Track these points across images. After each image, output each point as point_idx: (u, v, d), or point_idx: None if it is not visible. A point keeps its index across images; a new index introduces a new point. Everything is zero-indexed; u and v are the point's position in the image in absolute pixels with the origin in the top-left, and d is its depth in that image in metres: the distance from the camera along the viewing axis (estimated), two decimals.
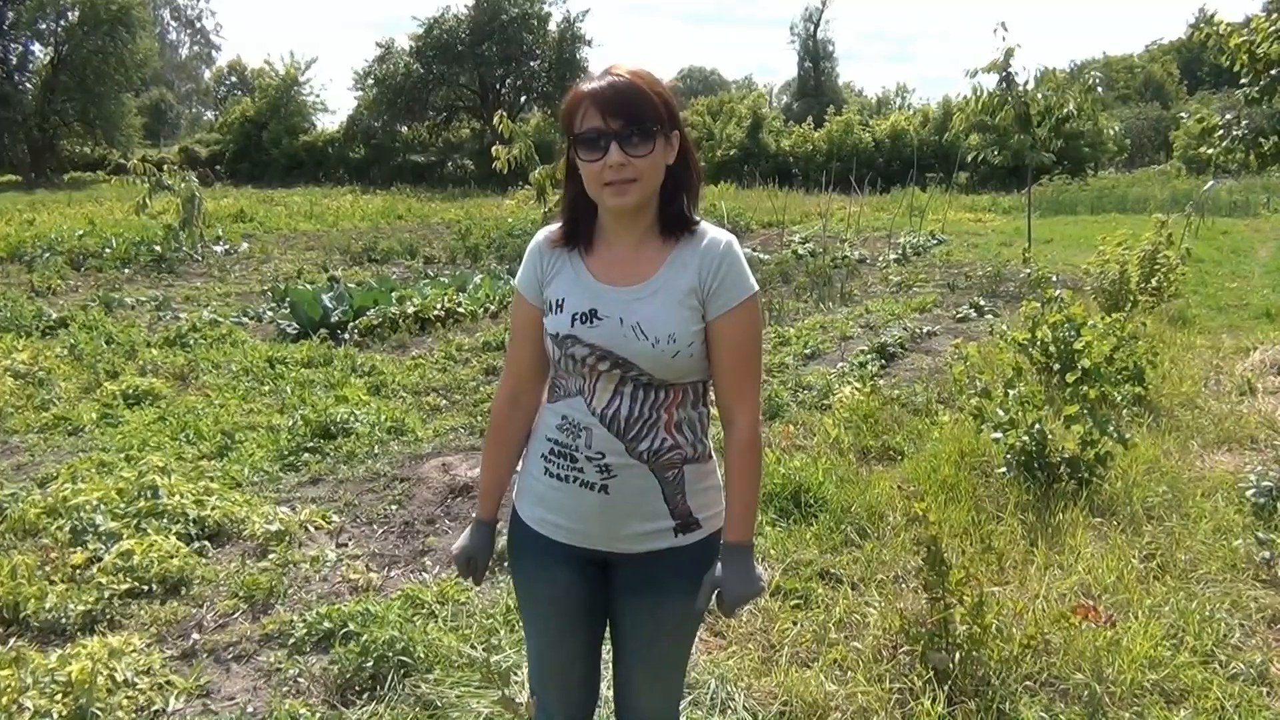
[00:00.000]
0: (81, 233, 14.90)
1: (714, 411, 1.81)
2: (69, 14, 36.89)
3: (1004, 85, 11.61)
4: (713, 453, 1.81)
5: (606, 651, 1.98)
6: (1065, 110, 11.49)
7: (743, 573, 1.72)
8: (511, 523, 1.90)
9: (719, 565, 1.73)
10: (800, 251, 14.56)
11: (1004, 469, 4.41)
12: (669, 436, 1.71)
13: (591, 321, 1.67)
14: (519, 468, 1.90)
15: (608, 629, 1.94)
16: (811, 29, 58.13)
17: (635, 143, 1.59)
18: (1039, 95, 11.63)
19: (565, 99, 1.67)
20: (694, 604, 1.77)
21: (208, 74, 67.54)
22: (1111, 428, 4.29)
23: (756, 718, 2.76)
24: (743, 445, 1.73)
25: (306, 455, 5.09)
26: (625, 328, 1.65)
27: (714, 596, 1.74)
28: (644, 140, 1.60)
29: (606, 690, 2.21)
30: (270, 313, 9.58)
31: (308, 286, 10.25)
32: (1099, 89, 11.99)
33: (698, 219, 1.74)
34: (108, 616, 3.29)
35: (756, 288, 1.72)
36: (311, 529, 4.15)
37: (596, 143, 1.59)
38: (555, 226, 1.80)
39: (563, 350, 1.70)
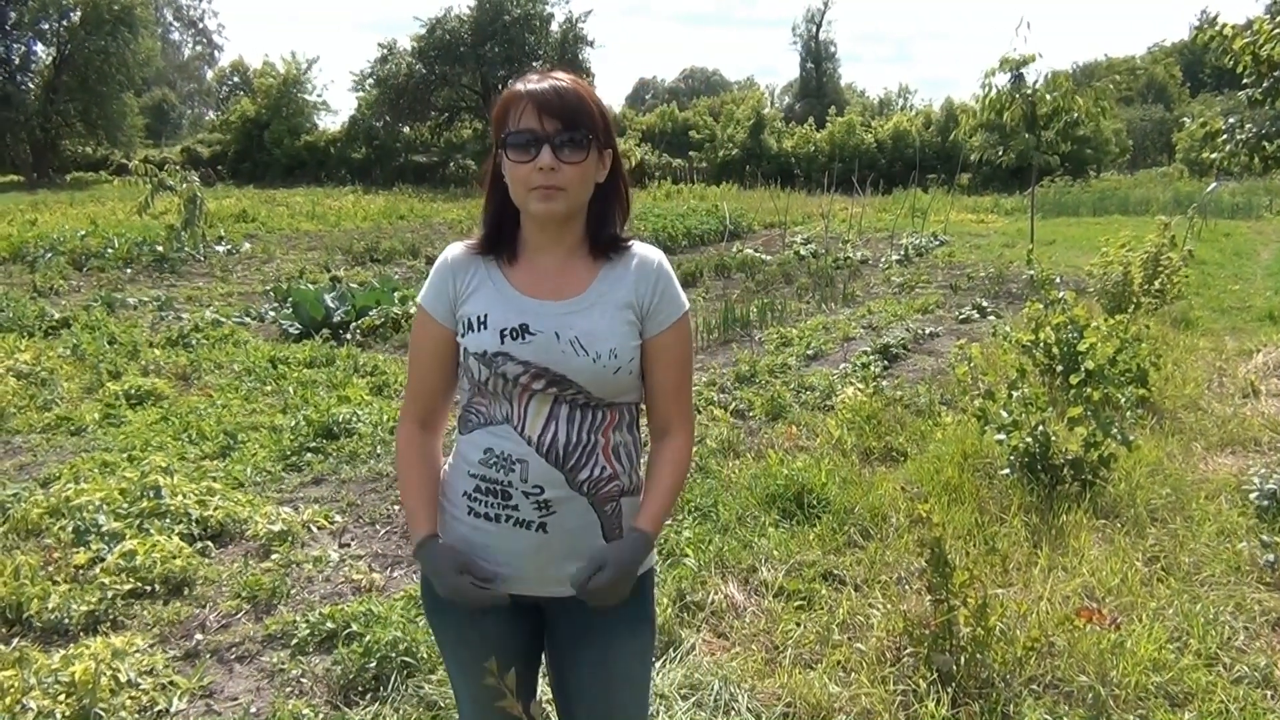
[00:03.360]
0: (84, 233, 14.90)
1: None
2: (71, 14, 36.91)
3: (1013, 83, 11.63)
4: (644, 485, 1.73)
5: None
6: (1075, 115, 11.51)
7: (632, 562, 1.60)
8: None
9: (614, 545, 1.62)
10: (802, 252, 14.56)
11: (1007, 471, 4.40)
12: (607, 464, 1.62)
13: (523, 337, 1.57)
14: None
15: (551, 689, 1.81)
16: (813, 30, 58.12)
17: (569, 149, 1.52)
18: (1047, 96, 11.64)
19: (500, 97, 1.58)
20: (643, 644, 1.73)
21: (210, 74, 67.60)
22: (1115, 430, 4.28)
23: (760, 719, 2.76)
24: (679, 451, 1.69)
25: (309, 455, 5.09)
26: (563, 343, 1.56)
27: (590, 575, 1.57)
28: (577, 148, 1.53)
29: None
30: (273, 313, 9.58)
31: (310, 286, 10.25)
32: (1111, 100, 11.99)
33: (629, 238, 1.68)
34: (110, 617, 3.30)
35: (688, 305, 1.70)
36: (314, 529, 4.16)
37: (529, 145, 1.52)
38: (466, 241, 1.70)
39: (491, 370, 1.58)
